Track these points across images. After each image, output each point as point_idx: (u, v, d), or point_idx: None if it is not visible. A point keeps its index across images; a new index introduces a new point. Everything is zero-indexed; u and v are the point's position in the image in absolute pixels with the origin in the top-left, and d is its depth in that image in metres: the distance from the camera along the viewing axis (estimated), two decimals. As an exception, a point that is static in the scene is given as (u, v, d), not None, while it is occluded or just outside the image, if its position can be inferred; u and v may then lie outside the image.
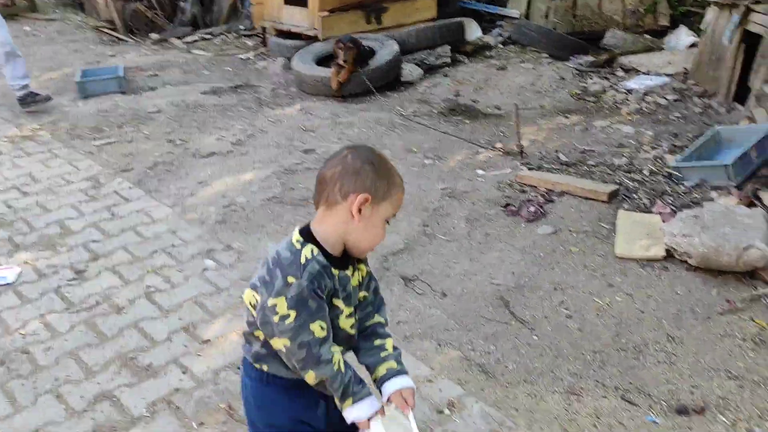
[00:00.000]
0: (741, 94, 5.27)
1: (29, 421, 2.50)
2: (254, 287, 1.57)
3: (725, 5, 5.46)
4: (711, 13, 5.85)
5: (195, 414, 2.49)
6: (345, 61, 6.05)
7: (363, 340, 1.69)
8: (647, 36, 7.57)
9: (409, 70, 6.72)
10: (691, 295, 3.15)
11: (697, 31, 7.17)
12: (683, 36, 7.23)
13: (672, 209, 3.76)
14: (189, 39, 8.99)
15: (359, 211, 1.51)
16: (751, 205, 3.65)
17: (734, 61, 5.28)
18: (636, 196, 4.04)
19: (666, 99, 5.70)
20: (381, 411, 1.62)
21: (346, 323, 1.61)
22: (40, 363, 2.80)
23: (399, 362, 1.69)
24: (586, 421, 2.42)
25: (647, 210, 3.86)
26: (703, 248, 3.17)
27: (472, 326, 2.98)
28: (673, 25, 7.66)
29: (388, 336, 1.73)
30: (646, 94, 5.85)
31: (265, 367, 1.62)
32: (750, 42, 5.18)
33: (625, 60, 6.82)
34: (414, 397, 1.67)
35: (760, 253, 3.07)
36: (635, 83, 6.12)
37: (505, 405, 2.51)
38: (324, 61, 6.68)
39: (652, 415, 2.45)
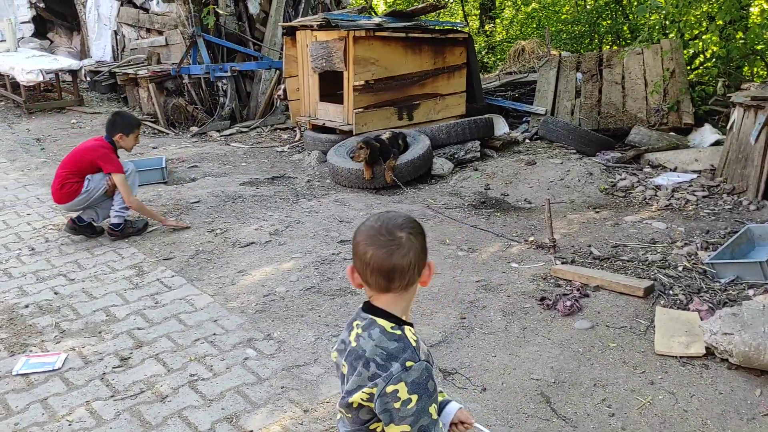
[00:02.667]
0: (770, 191, 5.35)
1: None
2: (360, 388, 1.57)
3: (750, 106, 5.63)
4: (736, 113, 6.02)
5: (240, 507, 2.48)
6: (361, 159, 6.35)
7: None
8: (672, 133, 7.76)
9: (440, 164, 6.93)
10: (734, 394, 3.12)
11: (722, 130, 7.36)
12: (708, 134, 7.40)
13: (709, 306, 3.78)
14: (227, 132, 9.40)
15: (428, 274, 1.67)
16: (789, 303, 3.65)
17: (761, 160, 5.40)
18: (672, 292, 4.06)
19: (695, 195, 5.80)
20: None
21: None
22: (85, 451, 2.83)
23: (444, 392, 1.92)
24: None
25: (684, 306, 3.87)
26: (744, 347, 3.17)
27: (515, 422, 2.97)
28: (697, 123, 7.85)
29: None
30: (674, 190, 5.96)
31: None
32: (776, 142, 5.31)
33: (651, 156, 6.98)
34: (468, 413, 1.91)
35: (803, 353, 3.06)
36: (663, 179, 6.25)
37: (552, 506, 2.47)
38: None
39: None
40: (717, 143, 7.13)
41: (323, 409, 3.06)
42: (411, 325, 1.67)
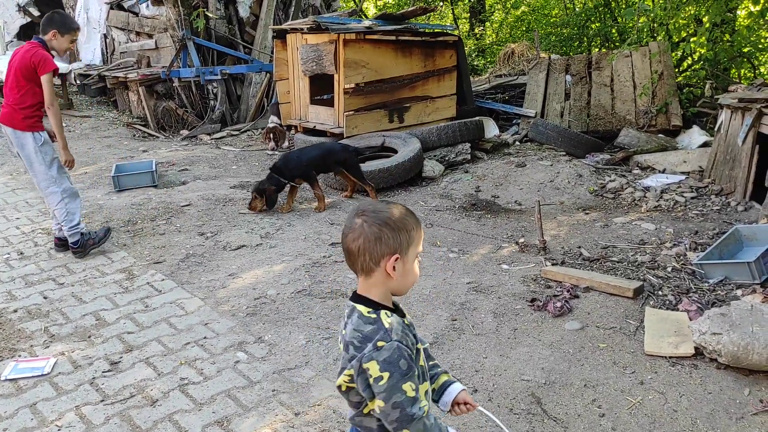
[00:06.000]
0: (758, 192, 5.39)
1: None
2: (343, 370, 1.67)
3: (738, 108, 5.68)
4: (724, 115, 6.07)
5: None
6: (260, 210, 5.87)
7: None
8: (660, 135, 7.81)
9: (431, 167, 6.94)
10: (723, 394, 3.14)
11: (710, 131, 7.41)
12: (696, 135, 7.46)
13: (698, 306, 3.80)
14: (217, 135, 9.38)
15: (393, 269, 1.67)
16: (777, 303, 3.68)
17: (749, 161, 5.44)
18: (661, 293, 4.09)
19: (684, 197, 5.84)
20: None
21: (421, 357, 1.77)
22: (75, 456, 2.82)
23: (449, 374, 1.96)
24: None
25: (673, 307, 3.90)
26: (733, 347, 3.19)
27: (505, 423, 2.97)
28: (686, 124, 7.91)
29: (434, 358, 1.98)
30: (663, 191, 6.00)
31: None
32: (763, 143, 5.35)
33: (640, 158, 7.02)
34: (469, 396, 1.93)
35: (790, 352, 3.08)
36: (652, 181, 6.29)
37: (543, 506, 2.47)
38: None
39: None
40: (705, 145, 7.18)
41: (314, 412, 3.06)
42: (393, 309, 1.73)
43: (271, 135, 8.41)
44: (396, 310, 1.75)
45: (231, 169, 7.59)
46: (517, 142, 8.19)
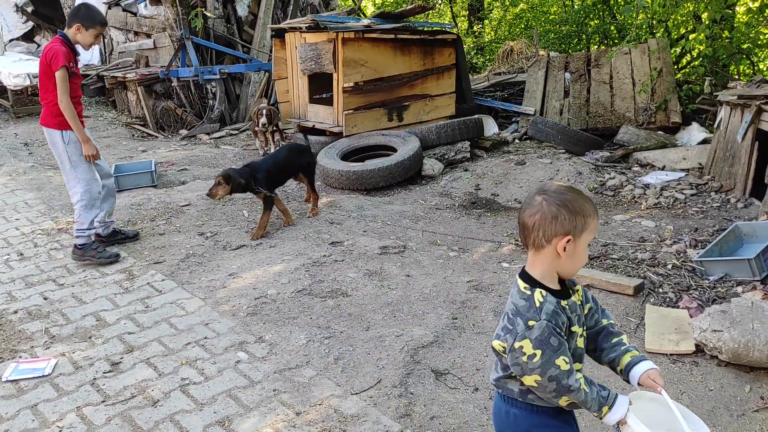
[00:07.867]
0: (757, 189, 5.39)
1: None
2: (498, 337, 1.80)
3: (737, 105, 5.67)
4: (723, 112, 6.06)
5: None
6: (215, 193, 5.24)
7: (602, 341, 1.90)
8: (660, 132, 7.81)
9: (431, 165, 6.94)
10: (724, 391, 3.15)
11: (709, 128, 7.41)
12: (695, 132, 7.45)
13: (699, 304, 3.80)
14: (216, 135, 9.37)
15: (564, 249, 1.71)
16: (777, 299, 3.68)
17: (748, 157, 5.44)
18: (661, 290, 4.09)
19: (683, 194, 5.84)
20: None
21: (581, 341, 1.82)
22: (76, 456, 2.81)
23: (638, 351, 1.92)
24: None
25: (674, 304, 3.90)
26: (734, 344, 3.19)
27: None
28: (685, 121, 7.91)
29: (622, 333, 1.95)
30: (663, 188, 6.00)
31: (534, 400, 1.82)
32: (763, 139, 5.35)
33: (640, 155, 7.02)
34: (660, 376, 1.88)
35: (791, 349, 3.08)
36: (652, 178, 6.28)
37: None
38: (348, 156, 6.95)
39: None
40: (704, 141, 7.18)
41: (316, 411, 3.06)
42: (552, 290, 1.76)
43: (263, 111, 7.93)
44: (560, 290, 1.78)
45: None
46: (517, 140, 8.19)
